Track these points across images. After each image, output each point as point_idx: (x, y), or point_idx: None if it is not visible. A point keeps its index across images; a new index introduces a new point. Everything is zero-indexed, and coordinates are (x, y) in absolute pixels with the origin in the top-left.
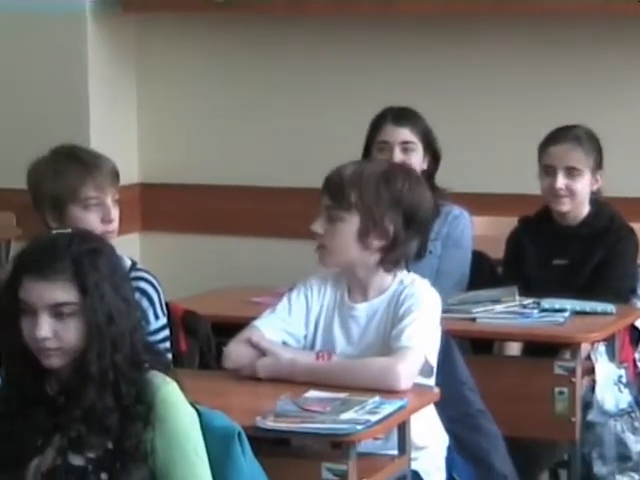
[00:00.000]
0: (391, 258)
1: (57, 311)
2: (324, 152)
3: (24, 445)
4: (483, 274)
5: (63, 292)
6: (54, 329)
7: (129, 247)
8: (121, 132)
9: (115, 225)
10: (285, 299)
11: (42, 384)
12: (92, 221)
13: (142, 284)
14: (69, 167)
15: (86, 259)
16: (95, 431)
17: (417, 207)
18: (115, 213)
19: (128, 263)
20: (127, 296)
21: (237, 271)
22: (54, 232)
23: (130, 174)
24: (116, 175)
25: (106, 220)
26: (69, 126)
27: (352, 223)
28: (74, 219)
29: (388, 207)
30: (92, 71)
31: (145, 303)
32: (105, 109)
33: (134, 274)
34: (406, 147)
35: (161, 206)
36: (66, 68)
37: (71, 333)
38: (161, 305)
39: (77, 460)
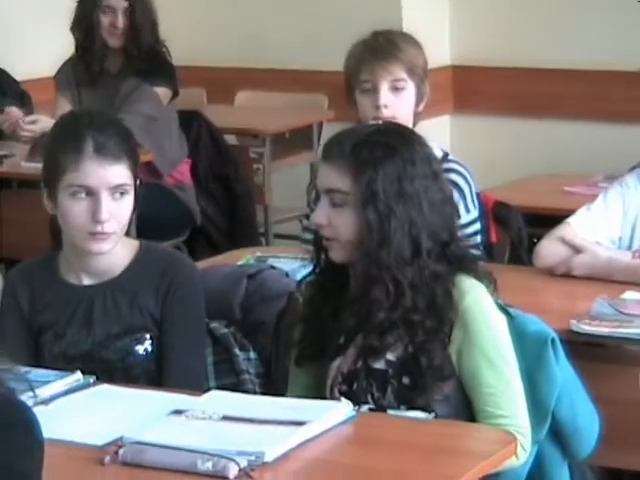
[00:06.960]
0: None
1: (333, 198)
2: None
3: (327, 343)
4: None
5: (339, 179)
6: (329, 217)
7: (440, 129)
8: (433, 13)
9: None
10: (601, 197)
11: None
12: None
13: (453, 176)
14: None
15: (367, 152)
16: (380, 328)
17: None
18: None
19: (440, 154)
20: (419, 199)
21: (550, 156)
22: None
23: (442, 56)
24: None
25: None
26: (381, 7)
27: None
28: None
29: None
30: None
31: (455, 195)
32: None
33: (445, 165)
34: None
35: (473, 88)
36: None
37: (344, 223)
38: (472, 198)
39: (378, 363)
